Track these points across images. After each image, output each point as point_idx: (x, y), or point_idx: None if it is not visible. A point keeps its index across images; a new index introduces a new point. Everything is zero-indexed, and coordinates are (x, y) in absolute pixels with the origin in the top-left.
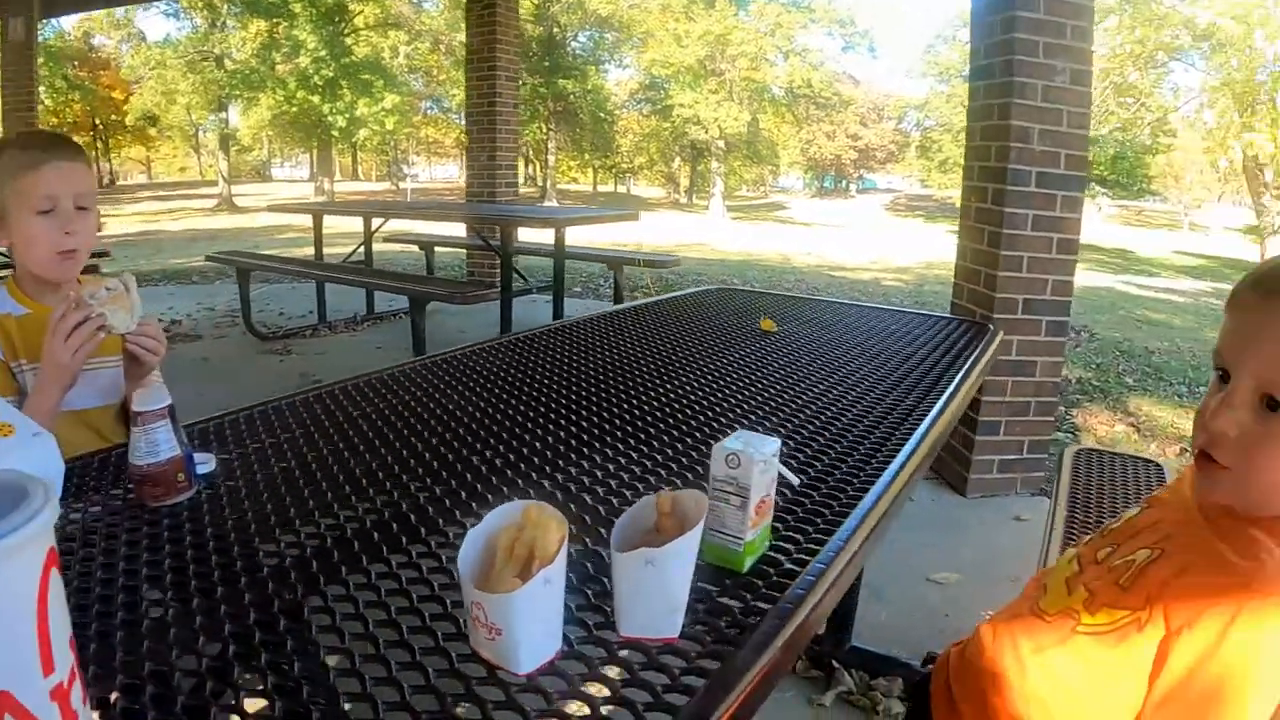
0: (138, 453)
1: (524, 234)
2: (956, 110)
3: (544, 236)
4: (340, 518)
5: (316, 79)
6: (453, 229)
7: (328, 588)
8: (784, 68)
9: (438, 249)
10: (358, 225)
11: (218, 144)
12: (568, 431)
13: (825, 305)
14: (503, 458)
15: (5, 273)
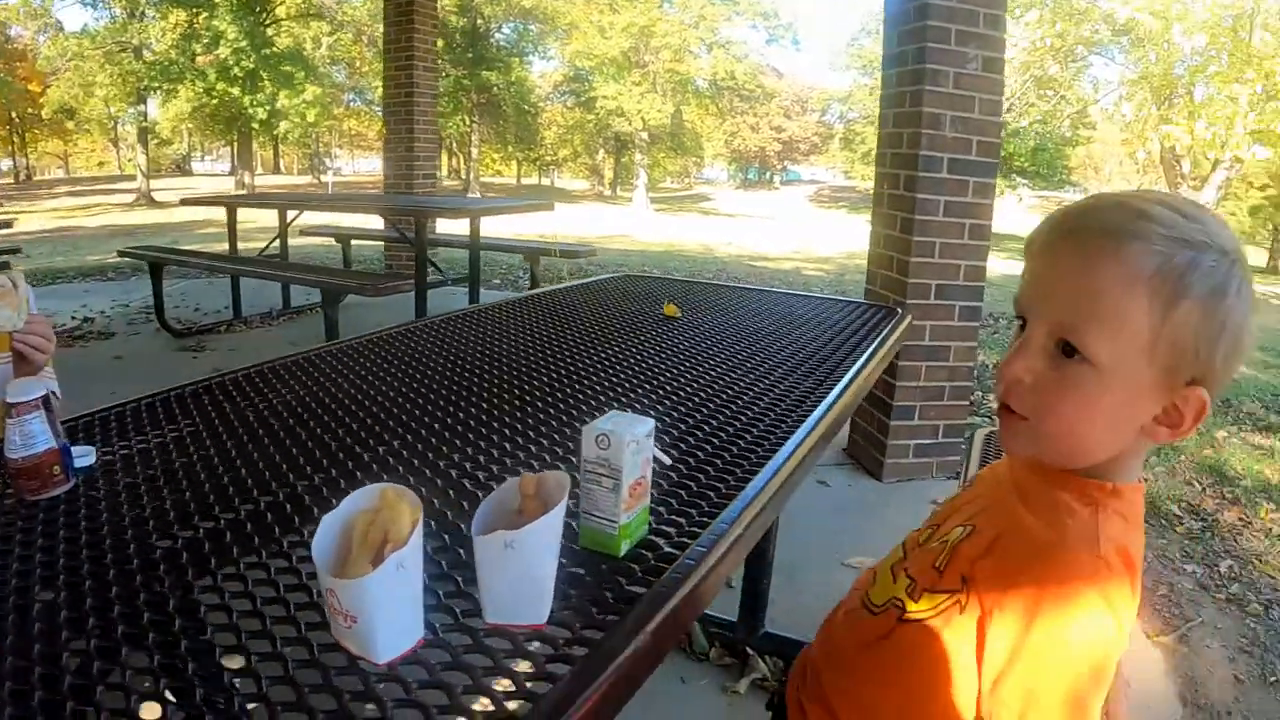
0: (12, 445)
1: (443, 226)
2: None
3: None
4: (215, 510)
5: (237, 70)
6: (374, 222)
7: (195, 580)
8: (708, 60)
9: (358, 242)
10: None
11: (136, 137)
12: (455, 418)
13: (732, 291)
14: (386, 445)
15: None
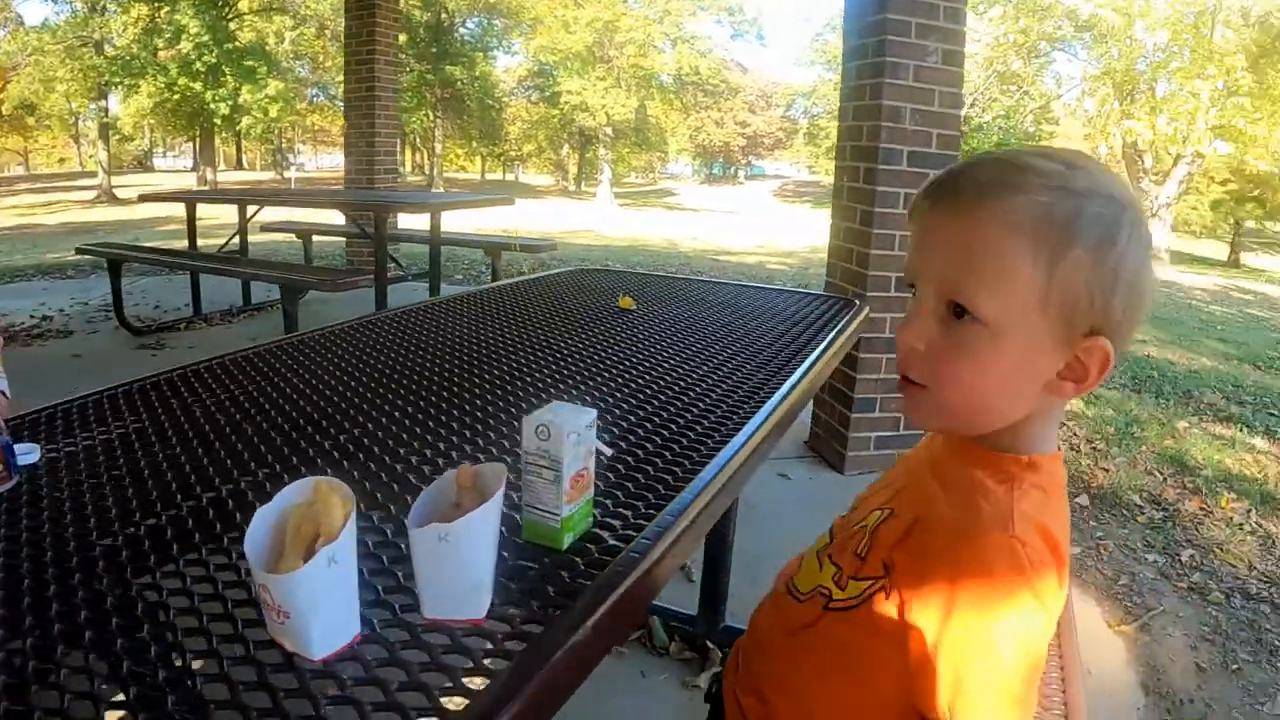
0: None
1: (404, 221)
2: None
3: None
4: (158, 506)
5: (199, 65)
6: (336, 218)
7: (135, 579)
8: (672, 55)
9: (319, 238)
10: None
11: (98, 133)
12: (404, 412)
13: (689, 284)
14: (333, 439)
15: None
